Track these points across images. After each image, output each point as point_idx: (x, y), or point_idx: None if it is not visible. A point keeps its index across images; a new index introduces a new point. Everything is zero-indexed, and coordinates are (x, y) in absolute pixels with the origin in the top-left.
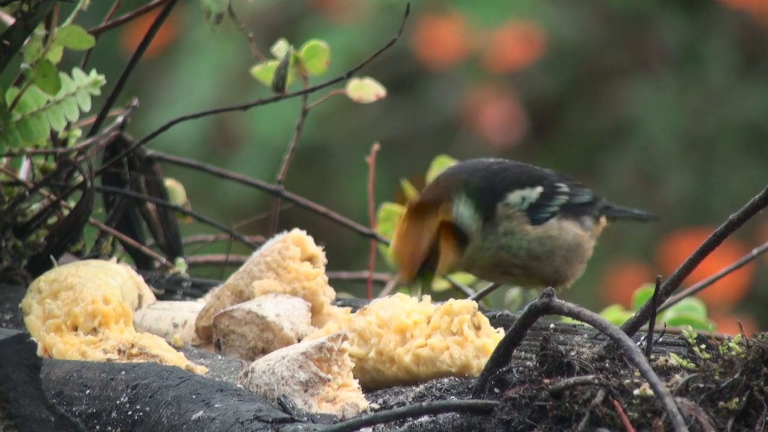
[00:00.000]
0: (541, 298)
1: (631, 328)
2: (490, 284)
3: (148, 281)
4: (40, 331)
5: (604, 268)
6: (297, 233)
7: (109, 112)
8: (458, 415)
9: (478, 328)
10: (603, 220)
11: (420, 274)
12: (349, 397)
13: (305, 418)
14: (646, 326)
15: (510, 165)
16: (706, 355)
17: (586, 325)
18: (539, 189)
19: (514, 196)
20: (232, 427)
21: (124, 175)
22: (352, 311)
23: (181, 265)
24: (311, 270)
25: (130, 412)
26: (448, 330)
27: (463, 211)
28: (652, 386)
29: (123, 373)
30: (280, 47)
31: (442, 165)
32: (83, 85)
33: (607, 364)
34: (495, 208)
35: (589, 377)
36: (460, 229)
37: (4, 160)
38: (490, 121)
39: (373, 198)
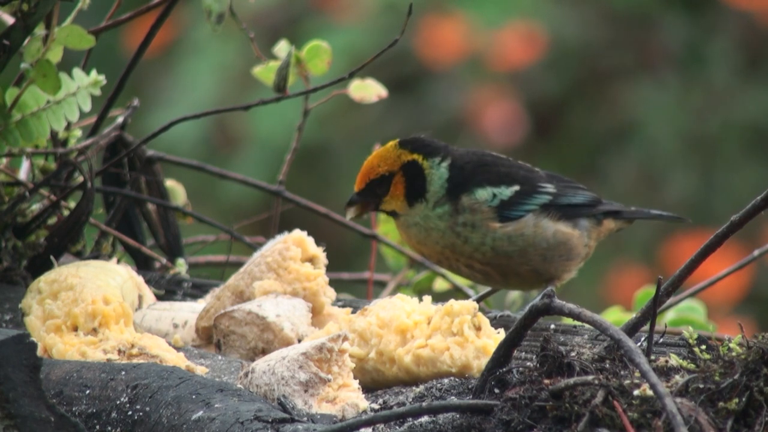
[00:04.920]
0: (541, 299)
1: (632, 329)
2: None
3: (148, 282)
4: (39, 331)
5: (605, 269)
6: (298, 234)
7: (110, 112)
8: (458, 416)
9: (478, 328)
10: (608, 223)
11: (368, 193)
12: (349, 398)
13: (305, 418)
14: (646, 327)
15: (503, 162)
16: (707, 356)
17: (587, 325)
18: (515, 187)
19: (483, 192)
20: (232, 427)
21: (124, 176)
22: (353, 312)
23: (181, 266)
24: (312, 271)
25: (130, 412)
26: (448, 331)
27: (438, 170)
28: (652, 387)
29: (123, 373)
30: (282, 47)
31: None
32: (83, 85)
33: (608, 365)
34: (460, 198)
35: (589, 378)
36: (422, 181)
37: (4, 160)
38: (492, 122)
39: None
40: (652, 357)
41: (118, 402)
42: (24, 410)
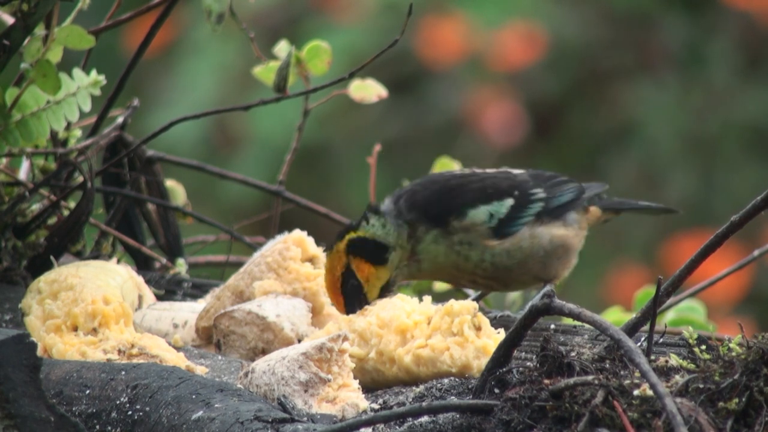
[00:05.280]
0: (542, 299)
1: (632, 329)
2: None
3: (148, 282)
4: (39, 331)
5: (605, 269)
6: (298, 234)
7: (110, 112)
8: (458, 416)
9: (478, 328)
10: (594, 210)
11: (351, 299)
12: (349, 398)
13: (305, 418)
14: (646, 327)
15: (473, 179)
16: (707, 356)
17: (587, 325)
18: (510, 202)
19: (479, 213)
20: (232, 427)
21: (124, 176)
22: None
23: (181, 266)
24: (312, 270)
25: (130, 412)
26: (448, 331)
27: (375, 222)
28: (652, 387)
29: (123, 373)
30: (282, 47)
31: (443, 166)
32: (83, 85)
33: (608, 365)
34: (448, 221)
35: (589, 378)
36: (370, 242)
37: (4, 160)
38: (492, 122)
39: (374, 199)
40: (652, 357)
41: (118, 402)
42: (24, 410)
